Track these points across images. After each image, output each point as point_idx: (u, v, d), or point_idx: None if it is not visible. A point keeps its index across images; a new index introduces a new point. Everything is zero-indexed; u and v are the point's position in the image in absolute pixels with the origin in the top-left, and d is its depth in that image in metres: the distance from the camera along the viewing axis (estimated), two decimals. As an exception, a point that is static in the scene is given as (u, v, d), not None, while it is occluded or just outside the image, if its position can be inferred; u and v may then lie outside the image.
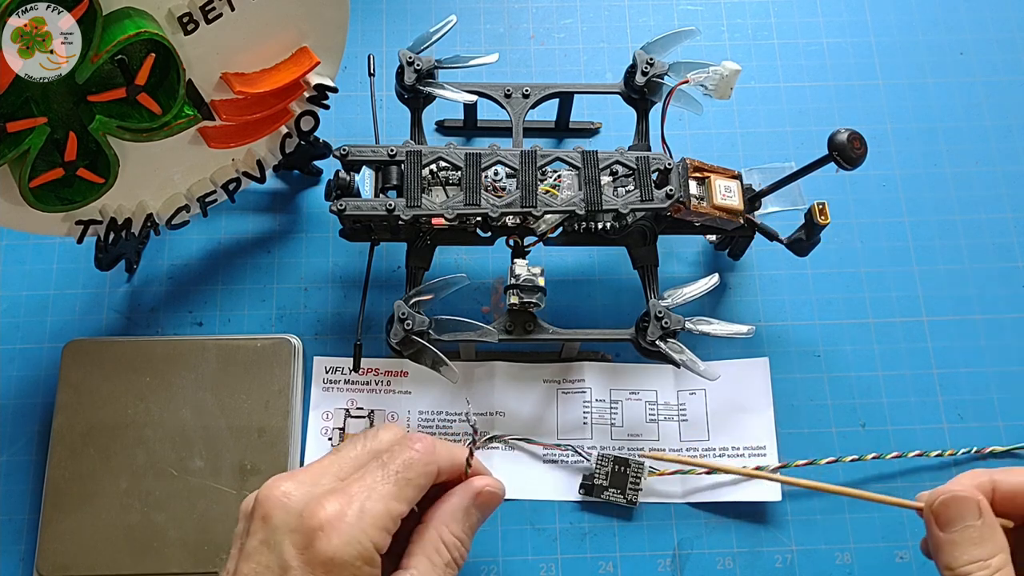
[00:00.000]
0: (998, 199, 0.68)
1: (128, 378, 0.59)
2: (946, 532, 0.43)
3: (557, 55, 0.72)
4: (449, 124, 0.69)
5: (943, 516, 0.44)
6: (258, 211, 0.66)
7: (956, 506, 0.43)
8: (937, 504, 0.44)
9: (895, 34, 0.73)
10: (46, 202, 0.49)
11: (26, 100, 0.44)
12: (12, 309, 0.63)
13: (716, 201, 0.56)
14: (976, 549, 0.42)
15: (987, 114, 0.71)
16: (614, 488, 0.55)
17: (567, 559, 0.58)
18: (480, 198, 0.56)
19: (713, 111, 0.69)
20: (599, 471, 0.55)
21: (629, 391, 0.61)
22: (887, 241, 0.67)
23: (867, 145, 0.54)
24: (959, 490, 0.44)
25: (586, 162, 0.57)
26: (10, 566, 0.57)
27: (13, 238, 0.64)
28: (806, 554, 0.58)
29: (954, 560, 0.43)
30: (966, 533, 0.43)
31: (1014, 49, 0.73)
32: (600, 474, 0.55)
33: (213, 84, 0.52)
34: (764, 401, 0.61)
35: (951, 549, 0.43)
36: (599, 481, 0.55)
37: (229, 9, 0.48)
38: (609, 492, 0.56)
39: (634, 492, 0.55)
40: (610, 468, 0.55)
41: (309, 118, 0.58)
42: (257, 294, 0.64)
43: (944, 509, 0.44)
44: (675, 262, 0.65)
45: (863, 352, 0.63)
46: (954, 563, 0.43)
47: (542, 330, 0.57)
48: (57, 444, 0.57)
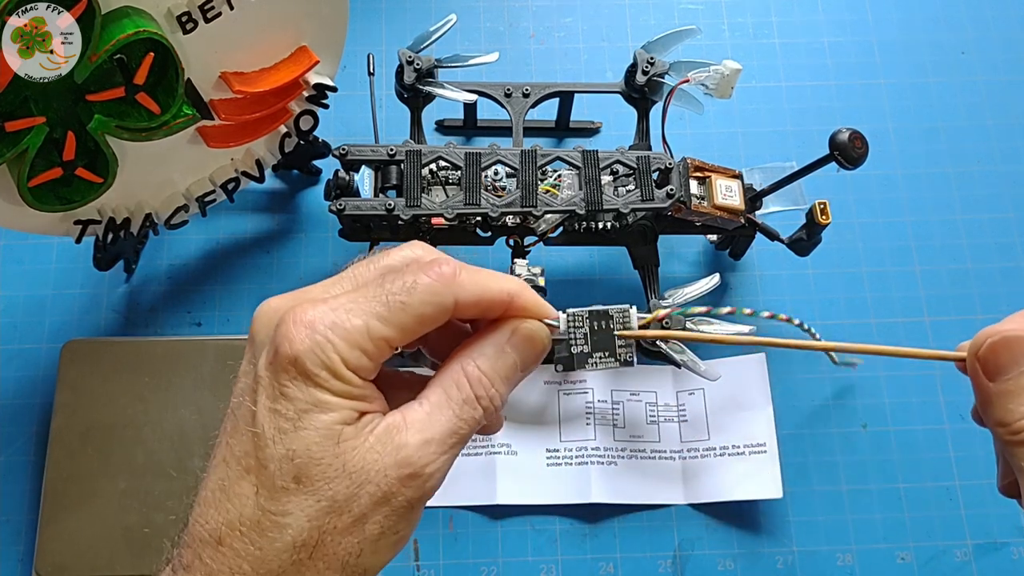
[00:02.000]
0: (1000, 198, 0.68)
1: (127, 378, 0.59)
2: (997, 382, 0.35)
3: (557, 54, 0.72)
4: (449, 123, 0.69)
5: (992, 363, 0.36)
6: (257, 211, 0.66)
7: (1007, 349, 0.35)
8: (984, 349, 0.36)
9: (896, 33, 0.73)
10: (45, 201, 0.49)
11: (25, 99, 0.44)
12: (10, 309, 0.63)
13: (717, 201, 0.56)
14: None
15: (989, 113, 0.70)
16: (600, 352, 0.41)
17: (567, 560, 0.58)
18: (480, 198, 0.56)
19: (714, 110, 0.68)
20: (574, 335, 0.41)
21: (630, 392, 0.61)
22: (888, 241, 0.66)
23: (868, 144, 0.54)
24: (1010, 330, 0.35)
25: (586, 161, 0.57)
26: (9, 566, 0.57)
27: (11, 238, 0.64)
28: (807, 555, 0.58)
29: (1008, 414, 0.35)
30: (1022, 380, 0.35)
31: (1016, 48, 0.73)
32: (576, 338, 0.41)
33: (212, 83, 0.51)
34: (763, 398, 0.61)
35: (1004, 401, 0.35)
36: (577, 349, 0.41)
37: (228, 8, 0.48)
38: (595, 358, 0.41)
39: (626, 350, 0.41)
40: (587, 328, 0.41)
41: (308, 117, 0.58)
42: (256, 294, 0.64)
43: (992, 355, 0.36)
44: (676, 262, 0.65)
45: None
46: (1008, 417, 0.35)
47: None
48: (56, 444, 0.57)
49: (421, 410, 0.35)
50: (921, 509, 0.59)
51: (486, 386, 0.36)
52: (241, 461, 0.34)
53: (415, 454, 0.34)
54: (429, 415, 0.35)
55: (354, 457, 0.33)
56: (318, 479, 0.33)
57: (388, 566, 0.59)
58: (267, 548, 0.33)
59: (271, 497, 0.33)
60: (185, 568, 0.34)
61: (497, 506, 0.58)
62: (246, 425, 0.34)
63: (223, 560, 0.33)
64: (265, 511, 0.33)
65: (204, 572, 0.34)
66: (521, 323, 0.37)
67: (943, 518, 0.59)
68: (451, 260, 0.35)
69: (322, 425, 0.33)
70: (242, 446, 0.34)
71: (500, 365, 0.37)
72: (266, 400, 0.34)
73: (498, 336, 0.37)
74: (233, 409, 0.35)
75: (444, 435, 0.35)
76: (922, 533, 0.59)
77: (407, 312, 0.34)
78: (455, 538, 0.58)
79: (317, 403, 0.33)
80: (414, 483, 0.34)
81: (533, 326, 0.37)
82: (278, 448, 0.33)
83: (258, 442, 0.33)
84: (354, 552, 0.34)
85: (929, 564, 0.58)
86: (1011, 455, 0.35)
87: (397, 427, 0.34)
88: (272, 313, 0.36)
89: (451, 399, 0.35)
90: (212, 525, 0.34)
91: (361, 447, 0.33)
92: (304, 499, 0.33)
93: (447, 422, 0.35)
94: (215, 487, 0.34)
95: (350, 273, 0.37)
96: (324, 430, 0.33)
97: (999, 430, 0.35)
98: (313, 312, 0.34)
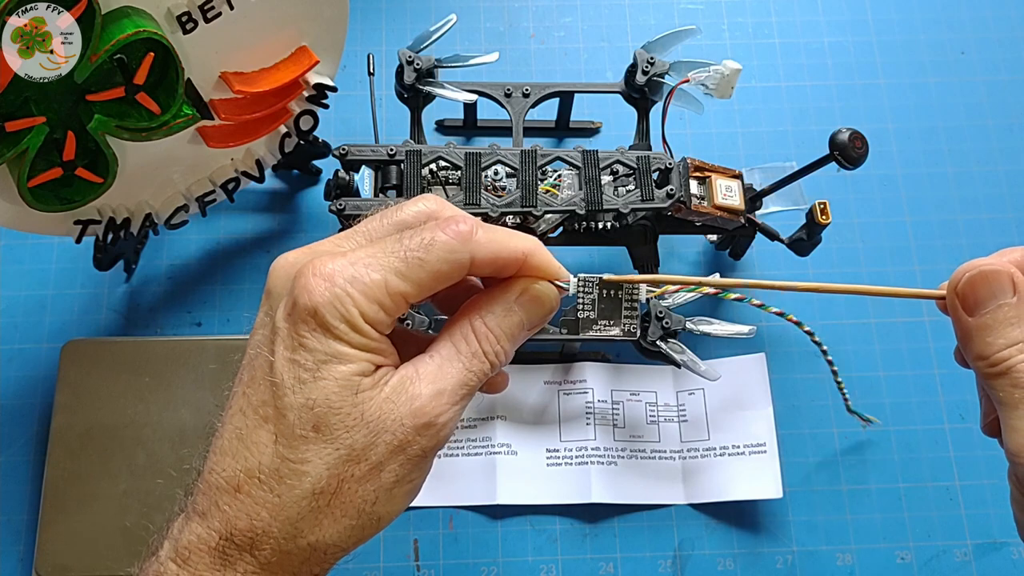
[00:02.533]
0: (999, 198, 0.68)
1: (127, 378, 0.59)
2: (976, 316, 0.36)
3: (557, 54, 0.72)
4: (449, 123, 0.69)
5: (970, 297, 0.36)
6: (257, 211, 0.66)
7: (985, 283, 0.36)
8: (963, 284, 0.36)
9: (896, 33, 0.73)
10: (45, 202, 0.49)
11: (25, 99, 0.44)
12: (10, 309, 0.63)
13: (717, 201, 0.56)
14: (1013, 330, 0.35)
15: (988, 113, 0.70)
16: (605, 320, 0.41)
17: (567, 560, 0.58)
18: (480, 198, 0.56)
19: (714, 110, 0.69)
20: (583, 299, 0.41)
21: (629, 392, 0.61)
22: (888, 240, 0.66)
23: (868, 144, 0.54)
24: (988, 263, 0.36)
25: (586, 161, 0.57)
26: (9, 567, 0.57)
27: (11, 238, 0.64)
28: (807, 555, 0.58)
29: (987, 347, 0.35)
30: (999, 313, 0.35)
31: (1015, 48, 0.73)
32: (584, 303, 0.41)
33: (212, 83, 0.51)
34: (763, 398, 0.61)
35: (983, 334, 0.35)
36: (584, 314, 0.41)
37: (228, 8, 0.48)
38: (600, 326, 0.41)
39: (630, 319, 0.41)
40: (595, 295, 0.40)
41: (308, 117, 0.58)
42: (256, 294, 0.63)
43: (971, 289, 0.36)
44: (676, 262, 0.65)
45: (864, 352, 0.63)
46: (987, 350, 0.35)
47: (542, 330, 0.57)
48: (56, 444, 0.57)
49: (432, 363, 0.36)
50: (921, 509, 0.59)
51: (492, 342, 0.37)
52: (259, 410, 0.34)
53: (429, 404, 0.35)
54: (440, 367, 0.36)
55: (371, 407, 0.34)
56: (337, 428, 0.34)
57: (388, 565, 0.59)
58: (286, 495, 0.34)
59: (290, 445, 0.34)
60: (200, 515, 0.35)
61: (497, 506, 0.58)
62: (264, 375, 0.34)
63: (240, 507, 0.34)
64: (284, 459, 0.34)
65: (221, 519, 0.34)
66: (531, 283, 0.38)
67: (943, 518, 0.59)
68: (468, 217, 0.36)
69: (341, 376, 0.34)
70: (260, 395, 0.34)
71: (507, 323, 0.37)
72: (284, 351, 0.34)
73: (508, 295, 0.38)
74: (250, 360, 0.36)
75: (455, 386, 0.36)
76: (922, 533, 0.59)
77: (425, 268, 0.34)
78: (455, 538, 0.58)
79: (336, 354, 0.34)
80: (428, 432, 0.35)
81: (543, 288, 0.38)
82: (297, 397, 0.34)
83: (276, 391, 0.34)
84: (370, 499, 0.35)
85: (929, 564, 0.58)
86: (991, 387, 0.36)
87: (411, 379, 0.35)
88: (288, 267, 0.36)
89: (460, 352, 0.36)
90: (229, 473, 0.34)
91: (377, 397, 0.34)
92: (323, 447, 0.34)
93: (457, 374, 0.36)
94: (231, 436, 0.35)
95: (363, 227, 0.37)
96: (343, 380, 0.34)
97: (979, 363, 0.36)
98: (332, 264, 0.34)
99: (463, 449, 0.59)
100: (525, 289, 0.38)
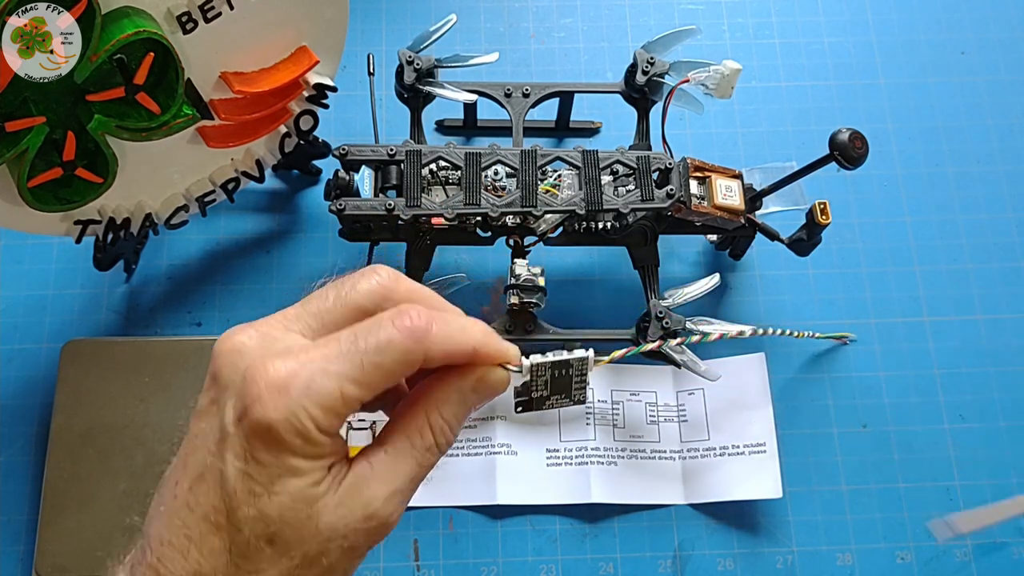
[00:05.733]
0: (1000, 199, 0.68)
1: (127, 378, 0.59)
2: None
3: (557, 54, 0.72)
4: (449, 123, 0.69)
5: None
6: (257, 211, 0.66)
7: None
8: None
9: (896, 33, 0.73)
10: (44, 202, 0.49)
11: (24, 99, 0.44)
12: (10, 309, 0.63)
13: (717, 201, 0.56)
14: None
15: (989, 113, 0.70)
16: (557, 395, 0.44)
17: (567, 560, 0.58)
18: (480, 198, 0.56)
19: (714, 110, 0.69)
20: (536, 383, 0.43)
21: (630, 392, 0.61)
22: (888, 241, 0.66)
23: (868, 144, 0.54)
24: None
25: (586, 161, 0.57)
26: (9, 567, 0.57)
27: (11, 238, 0.64)
28: (807, 555, 0.58)
29: None
30: None
31: (1015, 48, 0.73)
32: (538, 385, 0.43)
33: (212, 83, 0.51)
34: (762, 397, 0.61)
35: None
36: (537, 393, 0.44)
37: (228, 8, 0.48)
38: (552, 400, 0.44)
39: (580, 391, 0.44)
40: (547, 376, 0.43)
41: (308, 117, 0.58)
42: (256, 294, 0.64)
43: None
44: (676, 262, 0.65)
45: (864, 352, 0.63)
46: None
47: (542, 330, 0.57)
48: (55, 445, 0.57)
49: (386, 458, 0.36)
50: (921, 509, 0.59)
51: (446, 432, 0.37)
52: (210, 517, 0.34)
53: (383, 508, 0.35)
54: (395, 462, 0.36)
55: (325, 518, 0.34)
56: (292, 540, 0.34)
57: (388, 565, 0.59)
58: None
59: (244, 555, 0.34)
60: None
61: (497, 506, 0.58)
62: (215, 480, 0.34)
63: None
64: (239, 568, 0.34)
65: None
66: (486, 371, 0.38)
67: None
68: (421, 309, 0.35)
69: (295, 490, 0.34)
70: (210, 501, 0.34)
71: (461, 412, 0.38)
72: (236, 460, 0.34)
73: (463, 383, 0.38)
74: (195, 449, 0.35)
75: (407, 483, 0.36)
76: (922, 533, 0.59)
77: (380, 371, 0.34)
78: (455, 538, 0.58)
79: (290, 469, 0.34)
80: (381, 531, 0.36)
81: (498, 374, 0.38)
82: (250, 511, 0.34)
83: (230, 503, 0.34)
84: None
85: (929, 564, 0.58)
86: None
87: (364, 479, 0.35)
88: (236, 355, 0.35)
89: (415, 447, 0.37)
90: (180, 573, 0.34)
91: (331, 503, 0.34)
92: (278, 559, 0.34)
93: (411, 470, 0.36)
94: (178, 532, 0.35)
95: (314, 307, 0.36)
96: (296, 494, 0.34)
97: None
98: (284, 370, 0.33)
99: (463, 449, 0.59)
100: (481, 377, 0.38)
